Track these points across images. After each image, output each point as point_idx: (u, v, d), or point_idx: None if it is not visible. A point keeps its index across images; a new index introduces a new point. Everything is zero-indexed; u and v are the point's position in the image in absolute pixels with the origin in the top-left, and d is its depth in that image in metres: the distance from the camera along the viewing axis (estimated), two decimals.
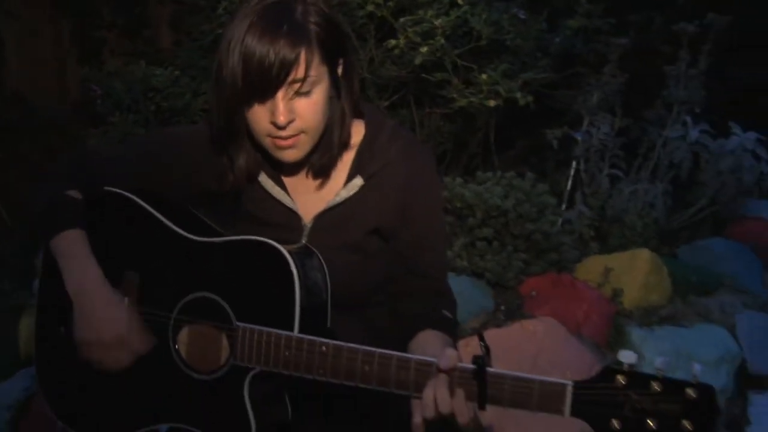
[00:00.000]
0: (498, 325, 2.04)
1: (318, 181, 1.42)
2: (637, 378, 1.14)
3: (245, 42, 1.25)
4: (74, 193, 1.45)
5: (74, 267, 1.38)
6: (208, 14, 2.49)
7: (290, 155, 1.32)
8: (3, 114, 3.78)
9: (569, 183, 2.65)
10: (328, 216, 1.41)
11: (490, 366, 1.18)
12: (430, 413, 1.19)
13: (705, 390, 1.13)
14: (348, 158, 1.42)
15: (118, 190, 1.47)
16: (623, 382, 1.14)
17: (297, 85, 1.27)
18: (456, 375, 1.19)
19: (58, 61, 3.89)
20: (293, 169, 1.43)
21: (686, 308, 2.19)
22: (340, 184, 1.41)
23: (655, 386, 1.13)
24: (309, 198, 1.42)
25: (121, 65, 3.40)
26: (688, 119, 2.48)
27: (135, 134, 2.92)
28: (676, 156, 2.46)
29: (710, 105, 2.58)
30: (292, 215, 1.42)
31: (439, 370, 1.19)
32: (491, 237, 2.17)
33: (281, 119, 1.26)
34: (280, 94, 1.26)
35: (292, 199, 1.42)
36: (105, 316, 1.35)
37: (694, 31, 2.36)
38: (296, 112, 1.28)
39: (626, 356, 1.16)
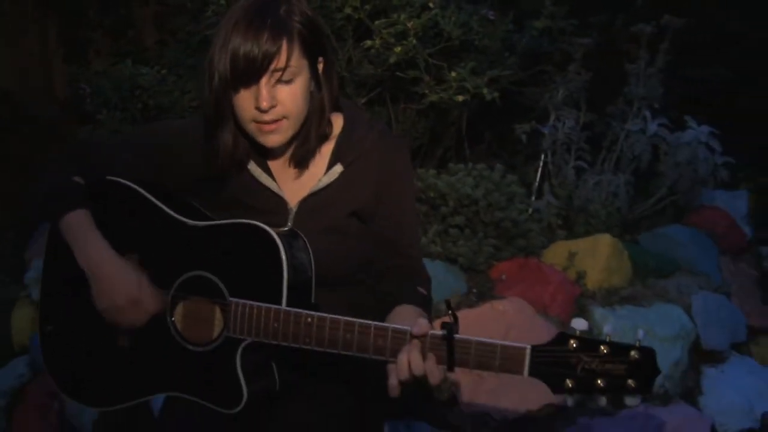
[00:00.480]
0: (470, 306, 2.19)
1: (300, 170, 1.57)
2: (587, 342, 1.29)
3: (233, 36, 1.40)
4: (78, 179, 1.58)
5: (85, 242, 1.51)
6: (195, 16, 2.60)
7: (273, 140, 1.46)
8: None
9: (538, 175, 2.81)
10: (312, 200, 1.55)
11: (458, 332, 1.33)
12: (404, 375, 1.33)
13: (647, 352, 1.29)
14: (328, 148, 1.56)
15: (118, 179, 1.60)
16: (575, 346, 1.29)
17: (278, 74, 1.41)
18: (427, 341, 1.33)
19: (44, 61, 3.97)
20: (278, 158, 1.58)
21: (645, 290, 2.35)
22: (322, 172, 1.56)
23: (603, 349, 1.29)
24: (293, 185, 1.57)
25: (108, 65, 3.51)
26: (648, 114, 2.65)
27: (123, 130, 3.03)
28: (636, 148, 2.62)
29: (668, 101, 2.74)
30: (279, 200, 1.57)
31: (413, 336, 1.33)
32: (463, 224, 2.32)
33: (264, 104, 1.41)
34: (263, 81, 1.41)
35: (278, 186, 1.56)
36: (121, 280, 1.48)
37: (652, 31, 2.52)
38: (278, 98, 1.43)
39: (578, 323, 1.32)
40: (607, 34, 2.61)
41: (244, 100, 1.43)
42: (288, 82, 1.43)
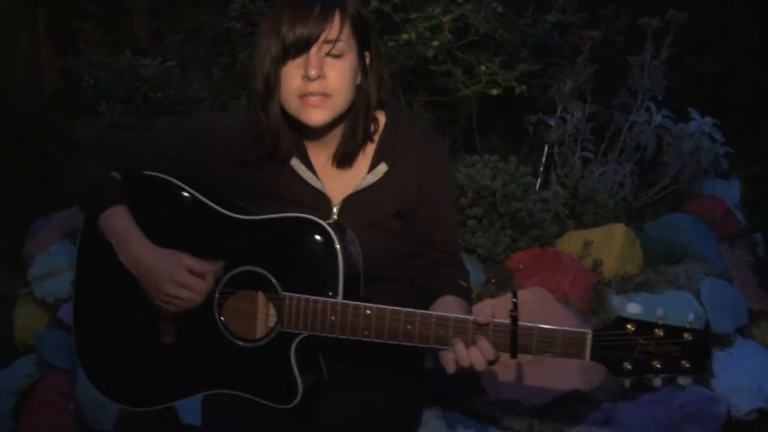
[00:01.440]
0: (492, 296, 2.23)
1: (343, 168, 1.57)
2: (643, 325, 1.34)
3: (286, 11, 1.43)
4: (115, 174, 1.56)
5: (125, 239, 1.51)
6: (206, 8, 2.57)
7: (316, 115, 1.45)
8: None
9: (542, 165, 2.85)
10: (355, 199, 1.56)
11: (518, 320, 1.36)
12: (465, 363, 1.36)
13: (699, 334, 1.34)
14: (371, 147, 1.57)
15: (156, 174, 1.58)
16: (632, 329, 1.33)
17: (329, 46, 1.43)
18: (490, 328, 1.36)
19: (32, 52, 3.88)
20: (321, 155, 1.58)
21: (657, 276, 2.42)
22: (365, 170, 1.56)
23: (658, 332, 1.34)
24: (336, 182, 1.58)
25: (102, 56, 3.44)
26: (652, 105, 2.71)
27: (123, 124, 2.98)
28: (641, 139, 2.69)
29: (672, 92, 2.81)
30: (322, 197, 1.57)
31: (477, 324, 1.36)
32: (481, 215, 2.35)
33: (312, 71, 1.42)
34: (313, 50, 1.42)
35: (322, 183, 1.57)
36: (162, 266, 1.48)
37: (657, 25, 2.58)
38: (325, 71, 1.44)
39: (633, 308, 1.36)
40: (614, 27, 2.66)
41: (293, 71, 1.44)
42: (337, 57, 1.44)
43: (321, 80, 1.42)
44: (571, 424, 2.04)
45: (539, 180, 2.83)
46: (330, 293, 1.44)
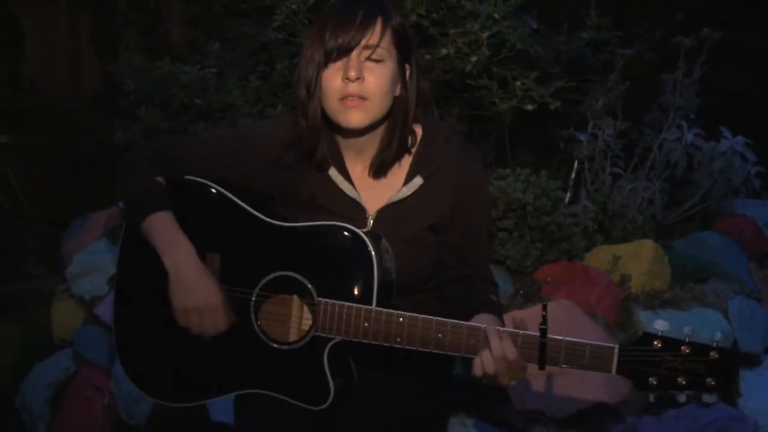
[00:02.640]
0: (520, 307, 2.26)
1: (379, 178, 1.62)
2: (670, 342, 1.37)
3: (331, 17, 1.50)
4: (161, 179, 1.62)
5: (170, 245, 1.55)
6: (251, 19, 2.65)
7: (354, 117, 1.50)
8: (19, 104, 3.89)
9: (571, 179, 2.88)
10: (390, 210, 1.60)
11: (547, 333, 1.39)
12: (491, 370, 1.40)
13: (726, 353, 1.36)
14: (407, 159, 1.61)
15: (200, 179, 1.64)
16: (659, 346, 1.36)
17: (369, 51, 1.48)
18: (519, 340, 1.40)
19: (74, 55, 4.00)
20: (358, 165, 1.63)
21: (685, 293, 2.43)
22: (401, 182, 1.60)
23: (685, 349, 1.36)
24: (373, 193, 1.62)
25: (142, 60, 3.54)
26: (684, 123, 2.73)
27: (159, 129, 3.06)
28: (672, 157, 2.70)
29: (705, 111, 2.82)
30: (358, 207, 1.61)
31: (506, 335, 1.40)
32: (511, 228, 2.39)
33: (352, 73, 1.47)
34: (354, 53, 1.48)
35: (358, 194, 1.62)
36: (202, 286, 1.53)
37: (690, 44, 2.60)
38: (364, 74, 1.48)
39: (660, 324, 1.39)
40: (647, 45, 2.69)
41: (334, 74, 1.49)
42: (377, 61, 1.50)
43: (360, 82, 1.47)
44: None
45: (569, 194, 2.86)
46: (364, 300, 1.49)
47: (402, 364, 1.62)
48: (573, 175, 2.88)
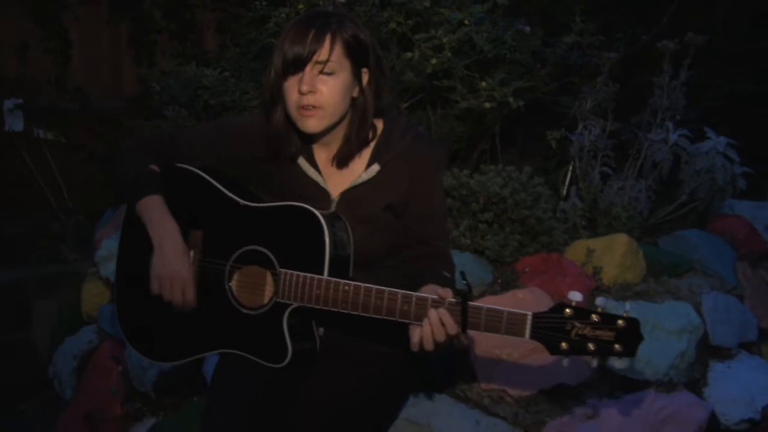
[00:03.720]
0: (494, 294, 2.40)
1: (342, 167, 1.83)
2: (581, 311, 1.51)
3: (287, 36, 1.70)
4: (154, 167, 1.87)
5: (157, 223, 1.79)
6: (254, 25, 2.89)
7: (310, 124, 1.71)
8: (66, 106, 4.24)
9: (567, 179, 3.00)
10: (351, 193, 1.81)
11: (472, 300, 1.56)
12: (426, 330, 1.57)
13: (632, 322, 1.50)
14: (368, 150, 1.82)
15: (188, 166, 1.88)
16: (570, 314, 1.51)
17: (320, 66, 1.68)
18: (446, 305, 1.57)
19: (115, 61, 4.34)
20: (323, 155, 1.84)
21: (658, 287, 2.53)
22: (362, 169, 1.81)
23: (594, 318, 1.51)
24: (336, 180, 1.83)
25: (173, 66, 3.83)
26: (670, 124, 2.82)
27: (188, 125, 3.32)
28: (657, 156, 2.80)
29: (692, 113, 2.91)
30: (323, 191, 1.83)
31: (434, 301, 1.57)
32: (491, 220, 2.54)
33: (304, 87, 1.67)
34: (307, 69, 1.68)
35: (323, 179, 1.83)
36: (178, 261, 1.75)
37: (675, 47, 2.70)
38: (317, 86, 1.69)
39: (573, 295, 1.54)
40: (633, 48, 2.80)
41: (291, 87, 1.70)
42: (329, 74, 1.69)
43: (313, 94, 1.68)
44: (554, 415, 2.18)
45: (564, 192, 2.99)
46: (317, 270, 1.69)
47: (369, 334, 1.81)
48: (569, 174, 3.01)
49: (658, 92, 2.83)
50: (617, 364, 1.51)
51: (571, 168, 2.99)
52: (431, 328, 1.56)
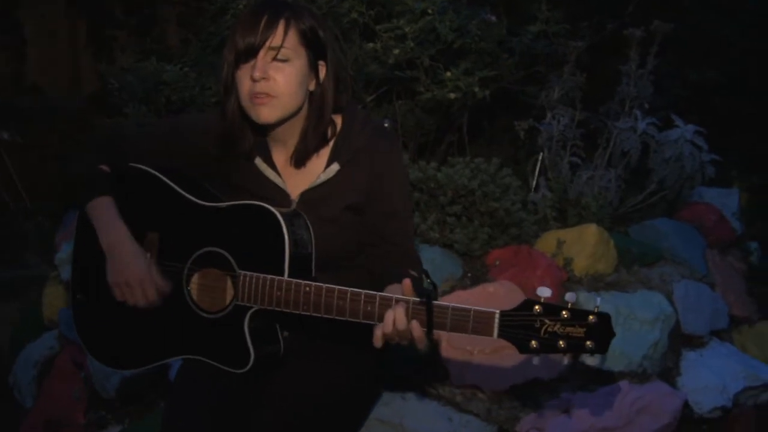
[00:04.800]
0: (464, 288, 2.36)
1: (300, 167, 1.76)
2: (550, 308, 1.47)
3: (241, 22, 1.63)
4: (105, 167, 1.79)
5: (107, 226, 1.71)
6: (216, 18, 2.81)
7: (263, 113, 1.63)
8: (23, 104, 4.11)
9: (537, 169, 2.97)
10: (310, 194, 1.74)
11: (436, 299, 1.51)
12: (387, 329, 1.51)
13: (603, 317, 1.46)
14: (327, 148, 1.75)
15: (141, 166, 1.80)
16: (539, 311, 1.46)
17: (274, 52, 1.61)
18: (410, 305, 1.51)
19: (73, 57, 4.22)
20: (281, 155, 1.77)
21: (630, 277, 2.51)
22: (321, 169, 1.74)
23: (564, 314, 1.46)
24: (295, 180, 1.76)
25: (134, 62, 3.72)
26: (638, 113, 2.80)
27: (139, 121, 3.23)
28: (626, 145, 2.78)
29: (659, 101, 2.89)
30: (282, 192, 1.76)
31: (397, 300, 1.52)
32: (459, 213, 2.49)
33: (257, 73, 1.60)
34: (260, 55, 1.60)
35: (282, 180, 1.76)
36: (133, 263, 1.68)
37: (641, 35, 2.68)
38: (270, 74, 1.61)
39: (542, 291, 1.49)
40: (600, 37, 2.77)
41: (244, 75, 1.63)
42: (283, 61, 1.62)
43: (266, 82, 1.61)
44: (527, 411, 2.15)
45: (534, 183, 2.95)
46: (277, 271, 1.63)
47: (335, 335, 1.75)
48: (538, 165, 2.97)
49: (626, 80, 2.81)
50: (589, 360, 1.47)
51: (539, 158, 2.96)
52: (394, 328, 1.50)
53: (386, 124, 1.99)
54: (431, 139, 3.02)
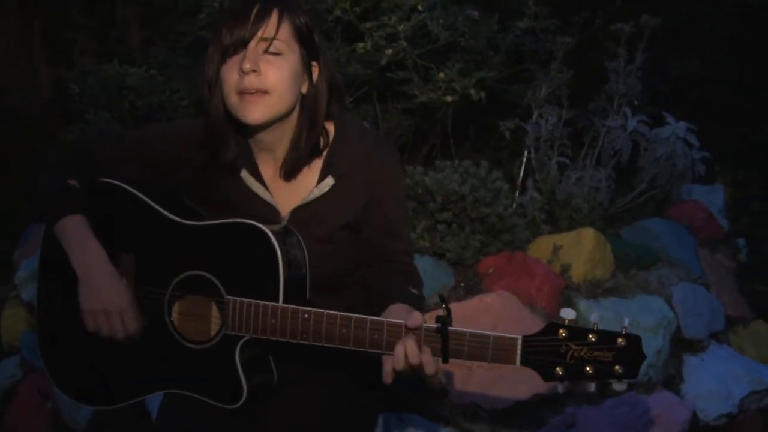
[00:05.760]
0: (458, 300, 2.24)
1: (290, 180, 1.60)
2: (576, 331, 1.35)
3: (228, 15, 1.48)
4: (74, 182, 1.61)
5: (79, 247, 1.54)
6: (182, 17, 2.64)
7: (253, 112, 1.47)
8: None
9: (521, 170, 2.87)
10: (303, 211, 1.59)
11: (451, 325, 1.38)
12: (400, 365, 1.38)
13: (632, 339, 1.34)
14: (319, 160, 1.60)
15: (113, 181, 1.63)
16: (564, 335, 1.34)
17: (266, 44, 1.46)
18: (422, 333, 1.38)
19: (27, 60, 3.98)
20: (269, 166, 1.61)
21: (628, 281, 2.42)
22: (313, 183, 1.59)
23: (591, 337, 1.34)
24: (285, 195, 1.61)
25: (94, 64, 3.51)
26: (627, 110, 2.72)
27: (111, 130, 3.04)
28: (617, 144, 2.70)
29: (647, 97, 2.82)
30: (271, 209, 1.61)
31: (408, 329, 1.38)
32: (450, 220, 2.38)
33: (247, 65, 1.44)
34: (251, 45, 1.45)
35: (271, 195, 1.60)
36: (109, 288, 1.52)
37: (630, 30, 2.59)
38: (262, 67, 1.46)
39: (567, 313, 1.37)
40: (588, 32, 2.67)
41: (231, 68, 1.47)
42: (275, 54, 1.47)
43: (257, 75, 1.45)
44: (532, 428, 2.05)
45: (518, 185, 2.85)
46: (271, 296, 1.48)
47: (328, 361, 1.61)
48: (523, 166, 2.87)
49: (614, 77, 2.72)
50: (617, 386, 1.36)
51: (525, 159, 2.85)
52: (406, 363, 1.36)
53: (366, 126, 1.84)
54: (411, 141, 2.90)
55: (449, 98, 2.24)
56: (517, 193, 2.79)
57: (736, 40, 3.44)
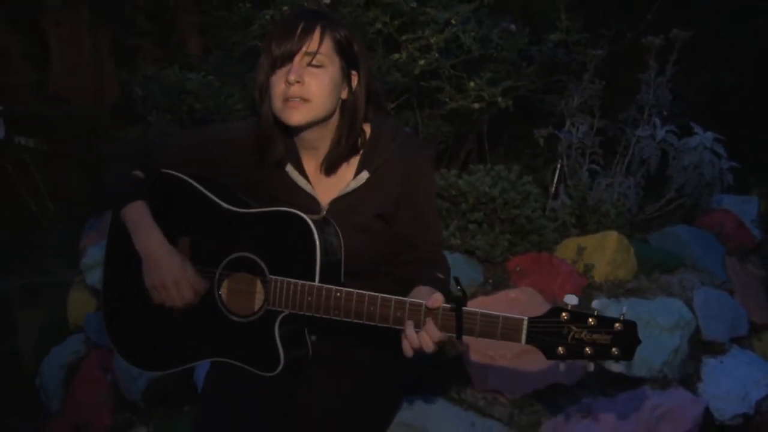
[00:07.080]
0: (486, 294, 2.39)
1: (330, 175, 1.79)
2: (577, 315, 1.49)
3: (277, 29, 1.69)
4: (138, 173, 1.83)
5: (142, 230, 1.75)
6: (238, 28, 2.86)
7: (294, 116, 1.67)
8: (46, 113, 4.18)
9: (555, 177, 3.00)
10: (340, 202, 1.78)
11: (466, 305, 1.54)
12: (416, 343, 1.55)
13: (629, 324, 1.48)
14: (356, 157, 1.79)
15: (173, 172, 1.84)
16: (566, 318, 1.49)
17: (309, 58, 1.65)
18: (440, 312, 1.55)
19: (96, 66, 4.29)
20: (312, 162, 1.81)
21: (650, 283, 2.53)
22: (351, 177, 1.78)
23: (591, 321, 1.49)
24: (325, 187, 1.80)
25: (157, 70, 3.78)
26: (657, 120, 2.82)
27: (172, 131, 3.28)
28: (645, 153, 2.80)
29: (678, 108, 2.92)
30: (312, 200, 1.79)
31: (427, 308, 1.55)
32: (481, 220, 2.53)
33: (292, 77, 1.64)
34: (296, 59, 1.65)
35: (312, 187, 1.80)
36: (167, 263, 1.72)
37: (660, 43, 2.70)
38: (305, 78, 1.66)
39: (570, 299, 1.52)
40: (619, 45, 2.79)
41: (279, 79, 1.67)
42: (317, 66, 1.67)
43: (300, 86, 1.65)
44: (549, 416, 2.17)
45: (552, 190, 2.98)
46: (308, 277, 1.66)
47: (361, 340, 1.79)
48: (557, 173, 3.00)
49: (645, 88, 2.83)
50: (614, 367, 1.50)
51: (559, 166, 2.98)
52: (423, 336, 1.53)
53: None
54: (450, 146, 3.06)
55: (476, 105, 2.40)
56: (550, 198, 2.92)
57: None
